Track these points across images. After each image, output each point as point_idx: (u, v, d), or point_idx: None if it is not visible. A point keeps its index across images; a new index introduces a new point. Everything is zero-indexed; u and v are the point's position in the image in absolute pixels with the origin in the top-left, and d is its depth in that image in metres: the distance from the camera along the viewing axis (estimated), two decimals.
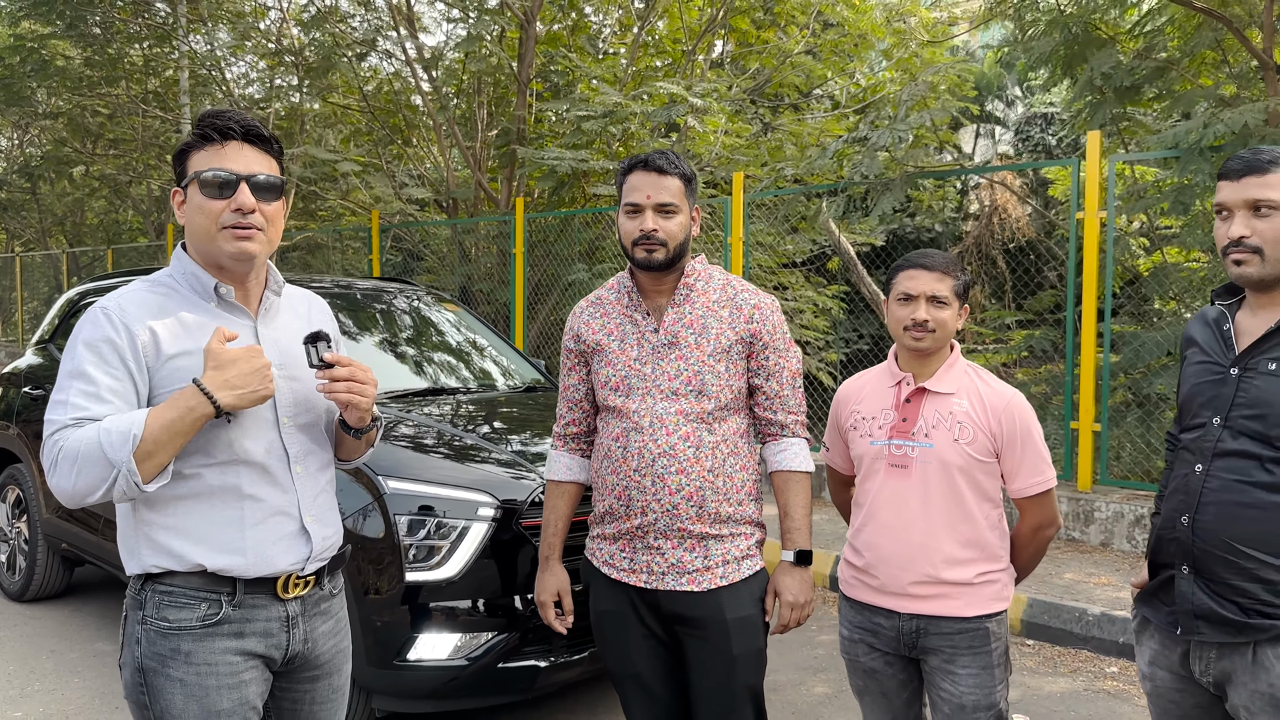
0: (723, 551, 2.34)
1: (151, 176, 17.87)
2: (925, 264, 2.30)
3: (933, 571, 2.26)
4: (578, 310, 2.53)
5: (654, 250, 2.33)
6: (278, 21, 14.27)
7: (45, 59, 15.13)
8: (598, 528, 2.47)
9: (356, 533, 3.27)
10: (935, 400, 2.31)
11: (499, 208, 11.71)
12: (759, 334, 2.40)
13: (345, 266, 14.01)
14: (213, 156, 1.84)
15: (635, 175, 2.36)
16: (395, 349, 4.88)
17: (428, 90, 12.79)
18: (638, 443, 2.32)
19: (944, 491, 2.27)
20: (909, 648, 2.32)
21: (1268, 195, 1.83)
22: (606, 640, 2.45)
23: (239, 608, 1.85)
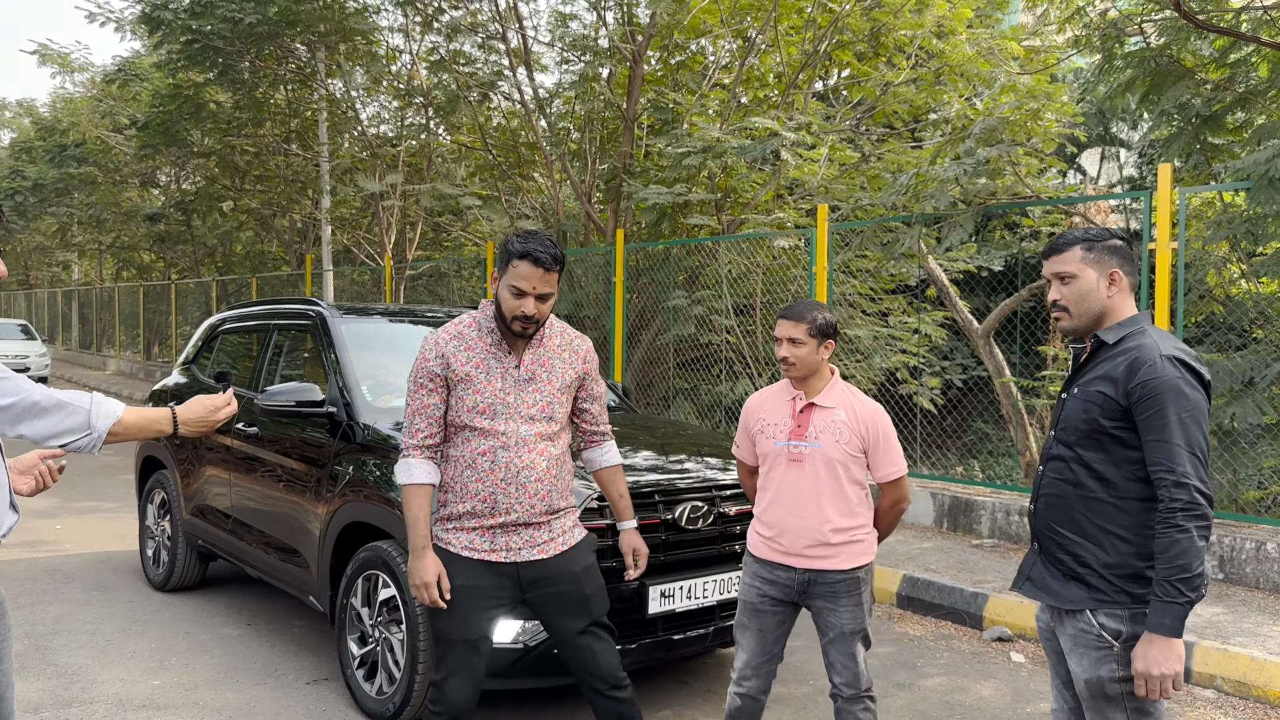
0: (560, 525, 3.04)
1: (294, 210, 19.24)
2: (786, 314, 3.11)
3: (821, 538, 3.07)
4: (441, 341, 2.94)
5: (528, 327, 2.87)
6: (408, 65, 15.28)
7: (199, 104, 16.57)
8: (453, 523, 2.96)
9: None
10: (821, 412, 3.12)
11: (605, 238, 12.25)
12: (589, 371, 3.11)
13: (467, 294, 14.82)
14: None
15: (524, 266, 2.82)
16: None
17: (542, 127, 13.49)
18: (504, 458, 2.89)
19: (828, 479, 3.09)
20: (799, 594, 3.13)
21: (1065, 269, 2.51)
22: (459, 609, 2.90)
23: None
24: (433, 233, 17.80)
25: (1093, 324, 2.51)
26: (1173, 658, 2.27)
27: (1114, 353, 2.45)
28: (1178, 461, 2.29)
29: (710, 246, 10.13)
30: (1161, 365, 2.33)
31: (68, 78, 25.56)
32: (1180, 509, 2.27)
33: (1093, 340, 2.51)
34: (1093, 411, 2.42)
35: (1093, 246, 2.48)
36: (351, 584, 4.18)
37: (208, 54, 14.75)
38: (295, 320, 5.34)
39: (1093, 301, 2.48)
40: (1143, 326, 2.46)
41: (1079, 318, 2.51)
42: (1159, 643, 2.28)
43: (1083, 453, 2.45)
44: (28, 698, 4.21)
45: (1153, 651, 2.28)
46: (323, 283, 16.41)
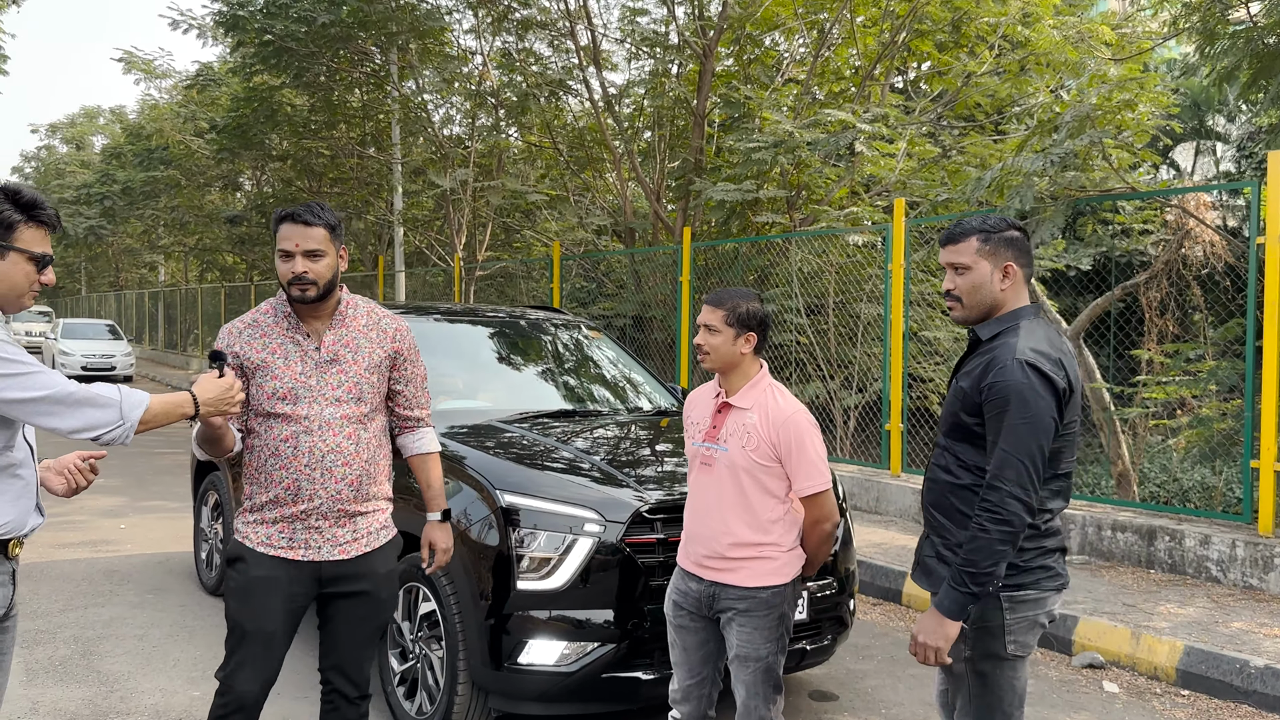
0: (367, 525, 2.87)
1: (368, 212, 19.41)
2: (708, 299, 2.92)
3: (720, 549, 2.86)
4: (235, 331, 2.84)
5: (306, 289, 2.72)
6: (479, 66, 15.24)
7: (275, 107, 16.78)
8: (254, 515, 2.82)
9: (478, 541, 3.54)
10: (735, 413, 2.89)
11: (673, 237, 11.99)
12: (401, 350, 2.92)
13: (536, 295, 14.71)
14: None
15: (285, 227, 2.75)
16: (531, 372, 5.18)
17: (611, 125, 13.30)
18: (308, 443, 2.74)
19: (733, 486, 2.86)
20: (707, 608, 2.91)
21: (959, 259, 2.52)
22: (250, 602, 2.77)
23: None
24: (503, 234, 17.77)
25: (984, 315, 2.53)
26: (942, 634, 2.40)
27: (985, 349, 2.50)
28: (999, 465, 2.36)
29: (781, 244, 9.79)
30: (1011, 369, 2.37)
31: (152, 84, 26.31)
32: (985, 510, 2.36)
33: (970, 334, 2.55)
34: (955, 405, 2.51)
35: (989, 238, 2.49)
36: None
37: (282, 56, 14.90)
38: None
39: (985, 294, 2.50)
40: (1017, 323, 2.47)
41: (971, 309, 2.53)
42: (934, 616, 2.41)
43: (951, 442, 2.54)
44: (65, 707, 4.11)
45: (926, 621, 2.43)
46: (395, 283, 16.47)
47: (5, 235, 2.24)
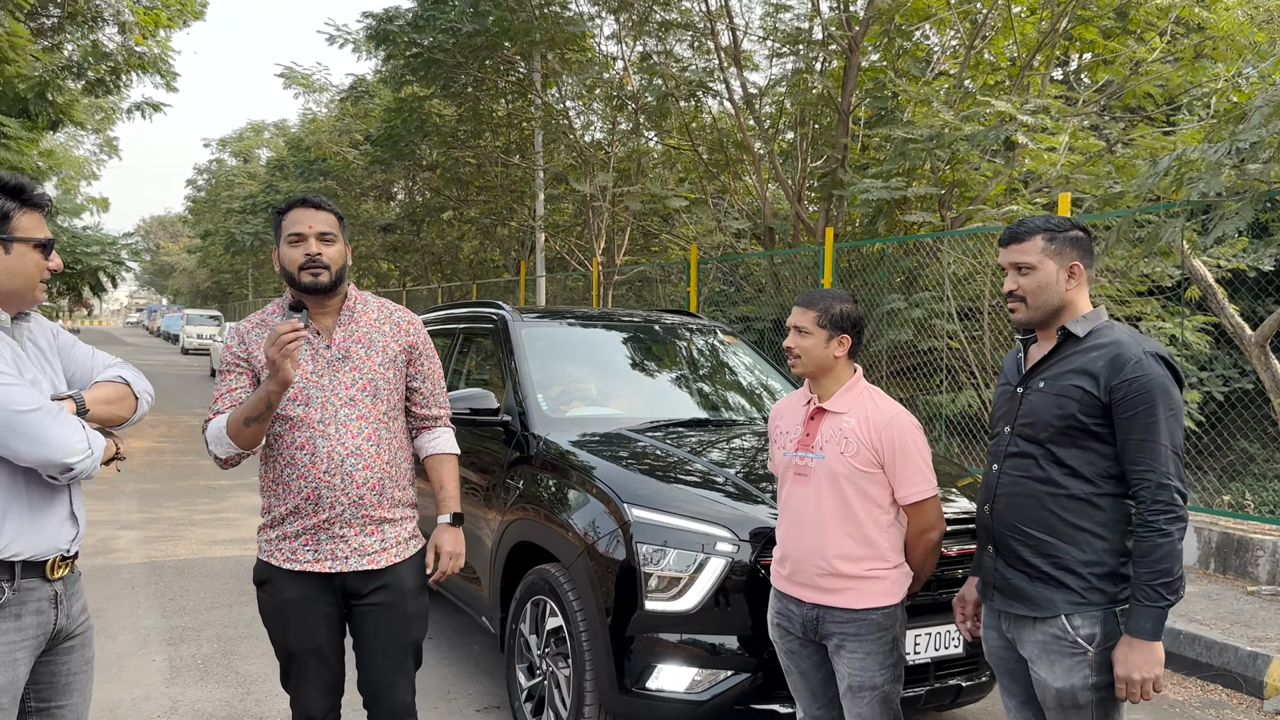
0: (395, 534, 2.73)
1: (511, 218, 19.73)
2: (799, 300, 2.78)
3: (825, 565, 2.66)
4: (244, 329, 2.73)
5: (319, 274, 2.61)
6: (620, 71, 15.23)
7: (424, 117, 17.23)
8: (276, 529, 2.68)
9: (605, 556, 3.36)
10: (831, 418, 2.73)
11: (815, 239, 11.62)
12: (416, 344, 2.80)
13: (674, 299, 14.57)
14: None
15: (294, 212, 2.65)
16: (664, 379, 4.98)
17: (751, 125, 13.03)
18: (325, 447, 2.60)
19: (834, 497, 2.66)
20: (813, 633, 2.72)
21: (1024, 259, 2.42)
22: (290, 624, 2.67)
23: (17, 591, 2.09)
24: (642, 238, 17.72)
25: (1049, 317, 2.45)
26: (1154, 661, 2.25)
27: (1085, 347, 2.39)
28: (1161, 461, 2.25)
29: (931, 245, 9.29)
30: (1148, 363, 2.29)
31: (311, 98, 27.57)
32: (1163, 511, 2.24)
33: (1059, 333, 2.43)
34: (1069, 407, 2.35)
35: (1054, 237, 2.42)
36: (520, 608, 3.85)
37: (430, 67, 15.28)
38: (480, 324, 5.12)
39: (1051, 294, 2.42)
40: (1109, 322, 2.42)
41: (1035, 310, 2.44)
42: (1140, 646, 2.25)
43: (1056, 449, 2.37)
44: (204, 707, 4.16)
45: (1134, 656, 2.25)
46: (536, 288, 16.64)
47: (3, 226, 2.10)
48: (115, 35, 16.33)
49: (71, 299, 13.76)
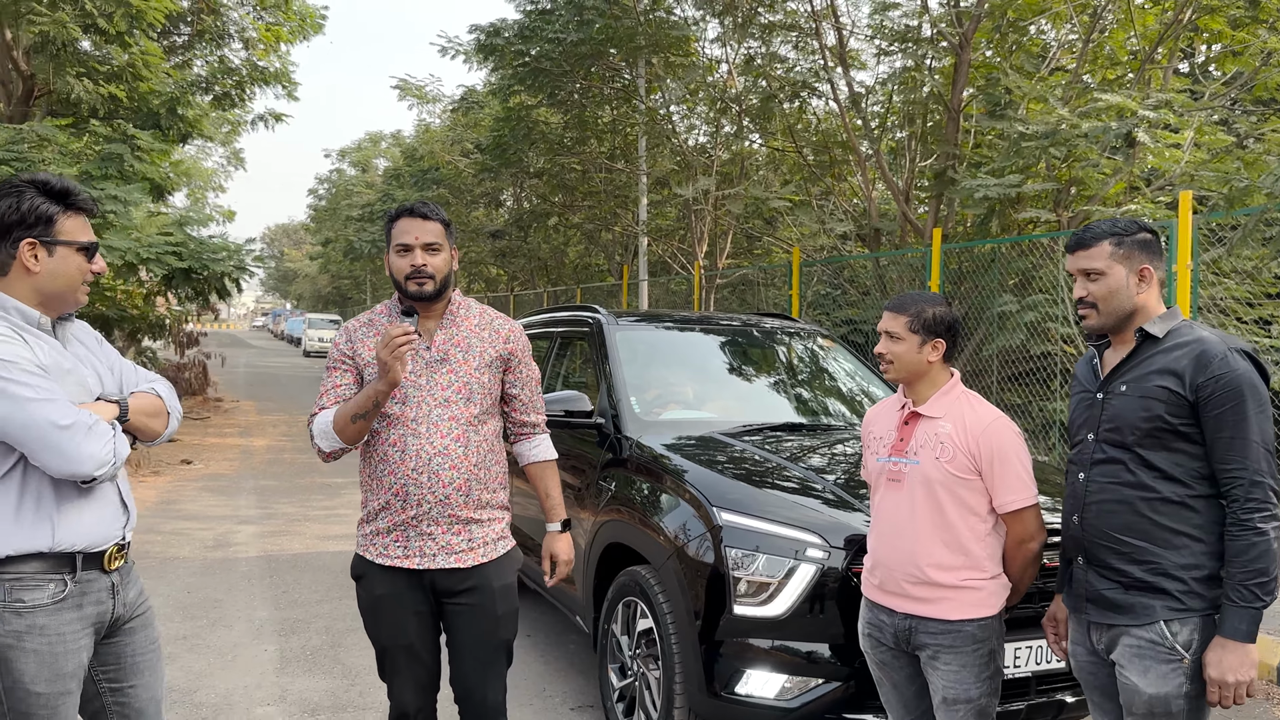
0: (483, 534, 2.78)
1: (615, 223, 19.90)
2: (889, 305, 2.70)
3: (918, 574, 2.59)
4: (352, 328, 2.85)
5: (424, 283, 2.71)
6: (724, 75, 15.20)
7: (531, 125, 17.53)
8: (371, 524, 2.78)
9: (695, 559, 3.35)
10: (926, 423, 2.66)
11: (922, 240, 11.36)
12: (514, 351, 2.87)
13: (778, 302, 14.44)
14: None
15: (402, 221, 2.75)
16: (762, 383, 4.94)
17: (857, 125, 12.83)
18: (415, 445, 2.68)
19: (928, 504, 2.59)
20: (906, 643, 2.65)
21: (1093, 265, 2.39)
22: (383, 619, 2.76)
23: (78, 583, 2.16)
24: (745, 241, 17.63)
25: (1121, 322, 2.41)
26: (1248, 664, 2.19)
27: (1166, 347, 2.35)
28: (1253, 458, 2.20)
29: (1046, 245, 8.96)
30: (1234, 360, 2.25)
31: (424, 108, 28.36)
32: (1256, 509, 2.19)
33: (1137, 334, 2.39)
34: (1156, 409, 2.30)
35: (1122, 241, 2.38)
36: (612, 609, 3.87)
37: (537, 76, 15.53)
38: (576, 327, 5.17)
39: (1122, 299, 2.39)
40: (1188, 321, 2.38)
41: (1107, 315, 2.40)
42: (1234, 649, 2.19)
43: (1144, 453, 2.32)
44: (309, 697, 4.31)
45: (1228, 658, 2.20)
46: (639, 292, 16.74)
47: (47, 230, 2.15)
48: (240, 50, 17.12)
49: (199, 304, 14.42)
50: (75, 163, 11.71)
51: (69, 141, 12.28)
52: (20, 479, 2.10)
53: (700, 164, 15.56)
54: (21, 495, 2.10)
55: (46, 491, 2.12)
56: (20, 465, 2.09)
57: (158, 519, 8.07)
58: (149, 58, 13.79)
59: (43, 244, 2.15)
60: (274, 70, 17.12)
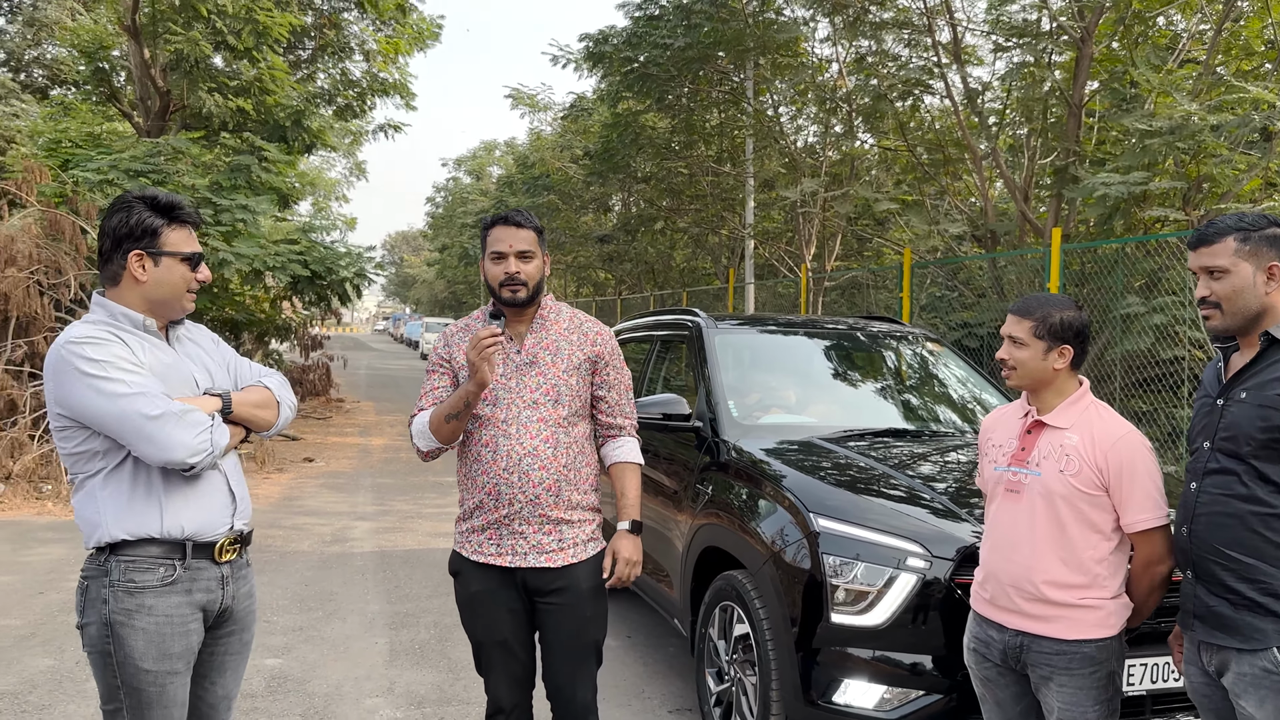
0: (573, 535, 2.83)
1: (721, 226, 19.85)
2: (1014, 308, 2.58)
3: (1034, 590, 2.46)
4: (449, 333, 2.97)
5: (517, 290, 2.80)
6: (834, 75, 15.00)
7: (638, 131, 17.65)
8: (467, 523, 2.86)
9: (792, 566, 3.31)
10: (1051, 433, 2.52)
11: (1041, 240, 10.97)
12: (602, 354, 2.93)
13: (886, 304, 14.16)
14: None
15: (497, 229, 2.83)
16: (867, 388, 4.85)
17: (973, 122, 12.48)
18: (505, 446, 2.75)
19: (1048, 518, 2.46)
20: (1015, 661, 2.52)
21: (1216, 263, 2.26)
22: (478, 615, 2.84)
23: (188, 569, 2.30)
24: (854, 243, 17.35)
25: (1247, 324, 2.27)
26: None
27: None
28: None
29: (1174, 245, 8.54)
30: None
31: (535, 116, 28.87)
32: None
33: (1263, 338, 2.26)
34: (1274, 419, 2.15)
35: (1249, 237, 2.24)
36: (709, 613, 3.86)
37: (645, 81, 15.63)
38: (677, 331, 5.18)
39: (1249, 298, 2.24)
40: None
41: (1231, 316, 2.27)
42: None
43: (1260, 465, 2.18)
44: (416, 690, 4.43)
45: None
46: (744, 295, 16.65)
47: (153, 242, 2.29)
48: (360, 63, 17.75)
49: (322, 308, 15.00)
50: (206, 174, 12.34)
51: (201, 154, 12.96)
52: (131, 469, 2.25)
53: (808, 165, 15.38)
54: (133, 484, 2.25)
55: (156, 481, 2.26)
56: (131, 456, 2.23)
57: (280, 514, 8.43)
58: (275, 72, 14.43)
59: (149, 255, 2.29)
60: (393, 81, 17.69)
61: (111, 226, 2.29)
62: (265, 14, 13.59)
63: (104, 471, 2.24)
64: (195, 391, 2.35)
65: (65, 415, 2.21)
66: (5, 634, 5.05)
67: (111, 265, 2.30)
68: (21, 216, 10.28)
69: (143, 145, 12.23)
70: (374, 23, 17.32)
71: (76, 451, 2.24)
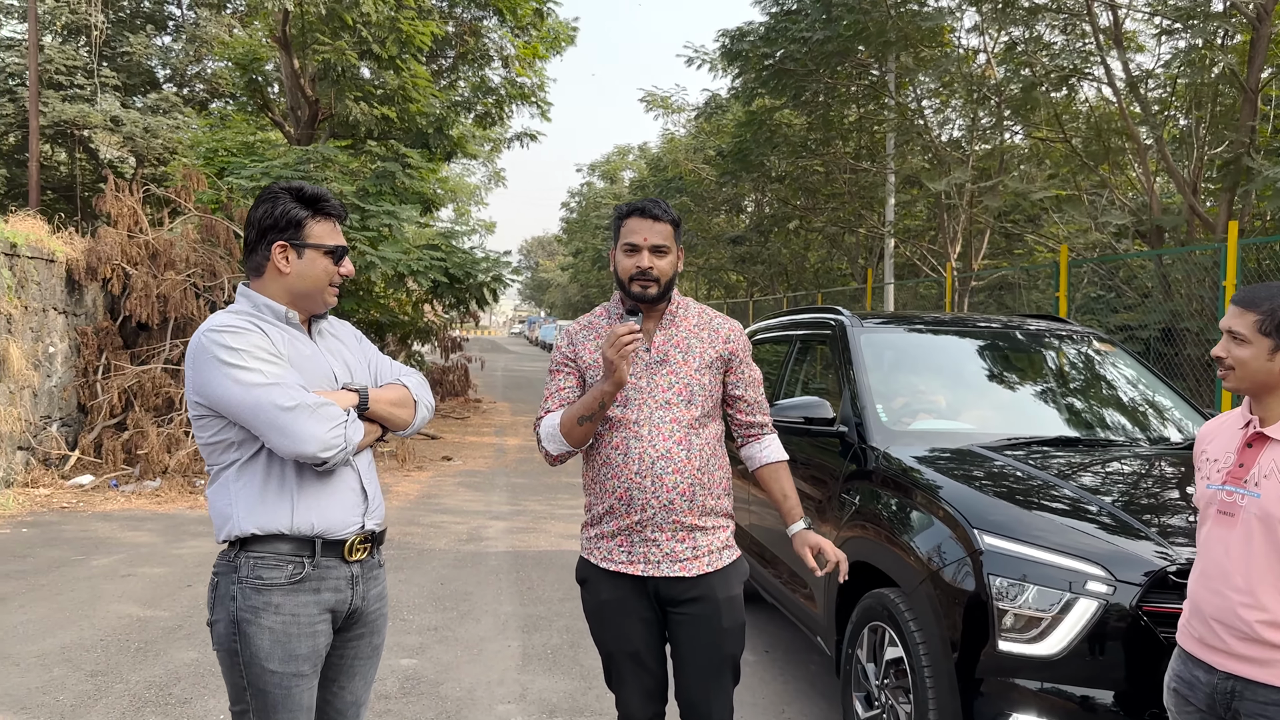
0: (708, 543, 2.66)
1: (859, 225, 19.32)
2: (1237, 298, 2.26)
3: (1246, 629, 2.13)
4: (573, 331, 2.80)
5: (648, 286, 2.64)
6: (981, 65, 14.36)
7: (773, 129, 17.34)
8: (595, 528, 2.71)
9: (952, 586, 3.04)
10: (1274, 448, 2.18)
11: (1213, 234, 10.15)
12: (735, 351, 2.76)
13: (1039, 305, 13.43)
14: None
15: (632, 220, 2.67)
16: (1027, 391, 4.48)
17: (1136, 111, 11.68)
18: (637, 448, 2.60)
19: (1267, 546, 2.12)
20: (1224, 708, 2.20)
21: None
22: (607, 624, 2.69)
23: (316, 568, 2.21)
24: (1003, 241, 16.56)
25: None
26: None
27: None
28: None
29: None
30: None
31: (669, 118, 28.86)
32: None
33: None
34: None
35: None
36: (856, 633, 3.60)
37: (781, 78, 15.33)
38: (817, 330, 4.93)
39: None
40: None
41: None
42: None
43: None
44: (548, 697, 4.33)
45: None
46: (883, 296, 16.12)
47: (297, 233, 2.23)
48: (499, 70, 18.05)
49: (460, 311, 15.32)
50: (353, 180, 12.73)
51: (348, 161, 13.39)
52: (265, 463, 2.18)
53: (954, 160, 14.76)
54: (266, 477, 2.18)
55: (289, 475, 2.19)
56: (266, 449, 2.17)
57: (419, 512, 8.55)
58: (417, 80, 14.79)
59: (293, 246, 2.24)
60: (530, 86, 17.92)
61: (257, 217, 2.25)
62: (409, 23, 13.94)
63: (238, 463, 2.19)
64: (333, 386, 2.29)
65: (202, 404, 2.16)
66: (154, 625, 5.22)
67: (256, 256, 2.26)
68: (181, 222, 10.82)
69: (293, 153, 12.71)
70: (512, 29, 17.58)
71: (212, 441, 2.19)
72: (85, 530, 7.48)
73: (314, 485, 2.21)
